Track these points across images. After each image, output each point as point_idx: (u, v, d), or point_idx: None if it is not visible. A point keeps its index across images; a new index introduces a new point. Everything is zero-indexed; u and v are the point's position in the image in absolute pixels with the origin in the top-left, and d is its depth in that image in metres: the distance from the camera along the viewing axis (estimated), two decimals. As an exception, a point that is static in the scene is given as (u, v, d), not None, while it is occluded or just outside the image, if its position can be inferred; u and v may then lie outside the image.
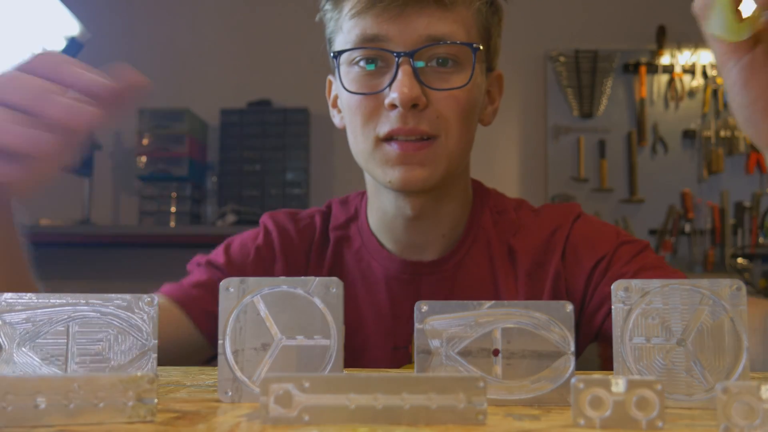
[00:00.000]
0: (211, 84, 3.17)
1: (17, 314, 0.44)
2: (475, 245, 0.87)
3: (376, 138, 0.78)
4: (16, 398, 0.35)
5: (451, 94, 0.77)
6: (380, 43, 0.77)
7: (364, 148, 0.80)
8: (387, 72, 0.78)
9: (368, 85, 0.78)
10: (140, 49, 3.18)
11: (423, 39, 0.76)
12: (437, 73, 0.78)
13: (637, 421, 0.36)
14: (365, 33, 0.77)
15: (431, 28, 0.76)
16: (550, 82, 3.15)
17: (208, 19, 3.23)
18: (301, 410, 0.36)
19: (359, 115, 0.79)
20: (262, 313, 0.44)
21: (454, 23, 0.78)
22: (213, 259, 0.88)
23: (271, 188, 2.92)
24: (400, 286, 0.86)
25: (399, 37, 0.76)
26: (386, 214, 0.86)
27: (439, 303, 0.44)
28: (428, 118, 0.77)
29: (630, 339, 0.42)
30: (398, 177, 0.77)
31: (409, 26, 0.76)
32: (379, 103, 0.77)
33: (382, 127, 0.77)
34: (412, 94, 0.74)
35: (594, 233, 0.86)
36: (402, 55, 0.76)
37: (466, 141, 0.81)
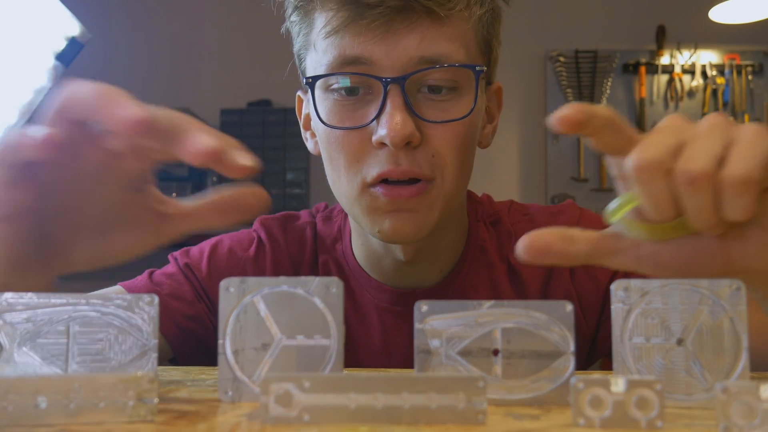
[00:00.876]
0: (211, 84, 3.17)
1: (18, 314, 0.44)
2: (473, 267, 0.78)
3: (363, 182, 0.66)
4: (16, 398, 0.35)
5: (450, 128, 0.65)
6: (363, 66, 0.64)
7: (348, 192, 0.68)
8: (372, 100, 0.65)
9: (350, 118, 0.66)
10: (140, 49, 3.18)
11: (415, 62, 0.64)
12: (432, 101, 0.65)
13: (637, 420, 0.36)
14: (344, 54, 0.65)
15: (424, 48, 0.64)
16: (550, 82, 3.16)
17: (208, 19, 3.23)
18: (302, 410, 0.36)
19: (342, 155, 0.67)
20: (262, 313, 0.44)
21: (450, 41, 0.65)
22: (195, 264, 0.80)
23: (271, 188, 2.92)
24: (393, 319, 0.76)
25: (386, 60, 0.64)
26: (374, 253, 0.76)
27: (439, 303, 0.44)
28: (424, 158, 0.65)
29: (629, 339, 0.42)
30: (388, 227, 0.66)
31: (398, 46, 0.63)
32: (366, 138, 0.65)
33: (370, 169, 0.65)
34: (405, 131, 0.62)
35: None
36: (390, 82, 0.63)
37: (464, 178, 0.70)
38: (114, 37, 3.07)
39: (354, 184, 0.67)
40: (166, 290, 0.78)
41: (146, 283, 0.79)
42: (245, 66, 3.17)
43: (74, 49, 0.88)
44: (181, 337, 0.77)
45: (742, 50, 3.11)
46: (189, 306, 0.78)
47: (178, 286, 0.78)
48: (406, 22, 0.64)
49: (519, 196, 3.08)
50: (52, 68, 0.89)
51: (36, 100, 0.85)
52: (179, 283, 0.79)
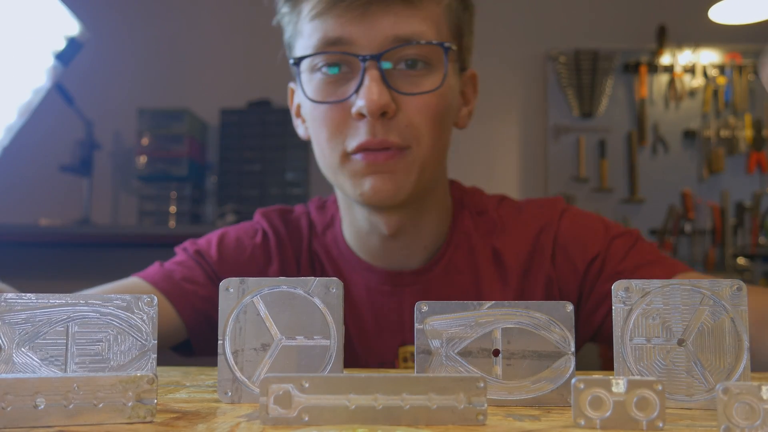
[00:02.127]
0: (211, 84, 3.17)
1: (16, 314, 0.44)
2: (458, 251, 0.82)
3: (344, 151, 0.73)
4: (15, 398, 0.35)
5: (423, 99, 0.72)
6: (344, 46, 0.71)
7: (331, 162, 0.75)
8: (352, 78, 0.72)
9: (333, 93, 0.73)
10: (140, 49, 3.18)
11: (390, 40, 0.71)
12: (407, 76, 0.72)
13: (638, 421, 0.35)
14: (327, 36, 0.72)
15: (398, 27, 0.71)
16: (550, 82, 3.15)
17: (208, 19, 3.23)
18: (301, 410, 0.36)
19: (325, 128, 0.73)
20: (261, 313, 0.44)
21: (423, 21, 0.72)
22: (204, 250, 0.84)
23: (271, 188, 2.92)
24: (382, 298, 0.81)
25: (364, 39, 0.71)
26: (360, 230, 0.81)
27: (439, 303, 0.44)
28: (398, 128, 0.72)
29: (630, 339, 0.42)
30: (368, 188, 0.72)
31: (374, 27, 0.70)
32: (346, 112, 0.72)
33: (350, 141, 0.72)
34: (381, 101, 0.69)
35: (582, 230, 0.81)
36: (368, 59, 0.70)
37: (439, 149, 0.76)
38: (114, 37, 3.07)
39: (336, 153, 0.74)
40: (179, 275, 0.81)
41: (159, 270, 0.82)
42: (245, 66, 3.17)
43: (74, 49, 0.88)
44: (196, 318, 0.80)
45: (743, 49, 3.11)
46: (202, 287, 0.81)
47: (190, 271, 0.82)
48: (381, 4, 0.71)
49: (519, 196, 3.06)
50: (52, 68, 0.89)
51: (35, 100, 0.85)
52: (190, 268, 0.82)
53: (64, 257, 3.03)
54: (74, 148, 2.81)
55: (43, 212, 2.88)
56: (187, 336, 0.81)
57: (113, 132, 3.15)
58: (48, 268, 3.01)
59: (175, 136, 2.90)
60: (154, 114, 2.92)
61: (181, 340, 0.81)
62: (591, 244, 0.80)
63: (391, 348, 0.80)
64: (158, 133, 2.91)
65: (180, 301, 0.79)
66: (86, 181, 2.88)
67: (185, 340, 0.82)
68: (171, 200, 2.91)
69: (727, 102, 3.11)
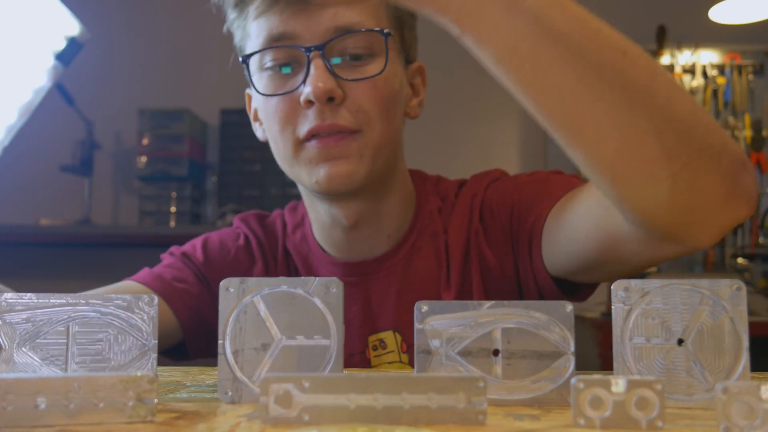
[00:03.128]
0: (211, 84, 3.17)
1: (17, 314, 0.44)
2: (421, 236, 0.83)
3: (296, 140, 0.75)
4: (16, 398, 0.35)
5: (368, 83, 0.74)
6: (288, 40, 0.74)
7: (285, 153, 0.77)
8: (300, 71, 0.74)
9: (282, 87, 0.75)
10: (140, 49, 3.18)
11: (331, 31, 0.73)
12: (351, 67, 0.74)
13: (637, 421, 0.36)
14: (271, 32, 0.74)
15: (338, 19, 0.73)
16: (550, 82, 3.15)
17: (208, 19, 3.23)
18: (301, 410, 0.36)
19: (276, 120, 0.75)
20: (262, 313, 0.44)
21: (361, 13, 0.74)
22: (190, 253, 0.86)
23: (271, 188, 2.92)
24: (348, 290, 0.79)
25: (307, 32, 0.73)
26: (324, 224, 0.83)
27: (439, 303, 0.44)
28: (347, 112, 0.73)
29: (630, 339, 0.42)
30: (323, 174, 0.74)
31: (315, 19, 0.73)
32: (295, 102, 0.74)
33: (300, 127, 0.74)
34: (327, 86, 0.71)
35: (506, 188, 0.82)
36: (312, 49, 0.72)
37: (391, 133, 0.77)
38: (114, 37, 3.07)
39: (289, 144, 0.76)
40: (169, 276, 0.82)
41: (148, 273, 0.83)
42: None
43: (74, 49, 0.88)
44: (190, 316, 0.81)
45: (742, 50, 3.11)
46: (192, 286, 0.83)
47: (179, 271, 0.83)
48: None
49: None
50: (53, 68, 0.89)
51: (36, 100, 0.85)
52: (179, 269, 0.84)
53: (64, 257, 3.02)
54: (75, 148, 2.81)
55: (43, 212, 2.88)
56: (181, 337, 0.82)
57: (113, 132, 3.15)
58: (48, 268, 3.01)
59: (176, 136, 2.90)
60: (154, 114, 2.92)
61: (176, 342, 0.82)
62: (511, 195, 0.80)
63: (360, 338, 0.81)
64: (158, 133, 2.91)
65: (174, 300, 0.80)
66: (87, 181, 2.88)
67: (178, 343, 0.82)
68: (171, 200, 2.91)
69: (727, 102, 3.11)
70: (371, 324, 0.82)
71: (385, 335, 0.81)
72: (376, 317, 0.82)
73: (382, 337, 0.81)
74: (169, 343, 0.82)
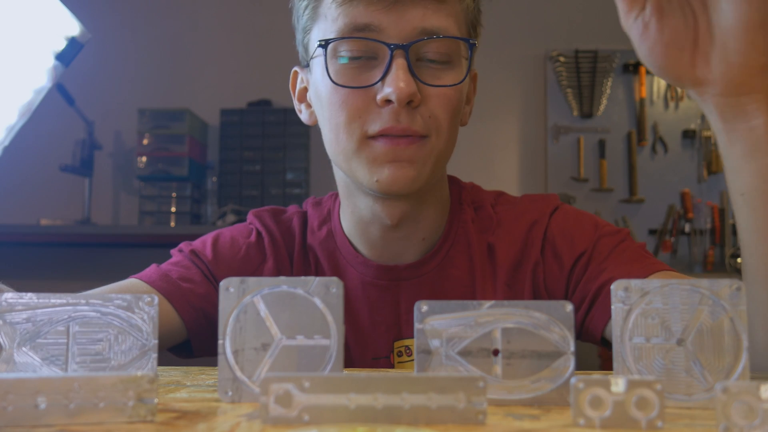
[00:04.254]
0: (211, 84, 3.17)
1: (18, 314, 0.44)
2: (455, 245, 0.83)
3: (362, 135, 0.73)
4: (16, 398, 0.35)
5: (444, 92, 0.73)
6: (372, 33, 0.72)
7: (347, 147, 0.74)
8: (376, 65, 0.73)
9: (356, 79, 0.73)
10: (140, 49, 3.18)
11: (418, 32, 0.72)
12: (430, 69, 0.73)
13: (637, 420, 0.36)
14: (355, 22, 0.72)
15: (426, 20, 0.72)
16: (550, 82, 3.15)
17: (208, 19, 3.23)
18: (301, 410, 0.36)
19: (345, 111, 0.73)
20: (262, 313, 0.44)
21: (447, 17, 0.73)
22: (199, 250, 0.84)
23: (271, 188, 2.92)
24: (378, 292, 0.81)
25: (393, 29, 0.71)
26: (361, 220, 0.81)
27: (439, 303, 0.44)
28: (421, 117, 0.73)
29: (630, 339, 0.42)
30: (387, 175, 0.72)
31: (404, 17, 0.71)
32: (369, 98, 0.72)
33: (372, 125, 0.72)
34: (410, 89, 0.70)
35: (572, 227, 0.82)
36: (396, 47, 0.71)
37: (452, 142, 0.78)
38: (114, 37, 3.07)
39: (354, 137, 0.73)
40: (176, 275, 0.81)
41: (156, 270, 0.82)
42: (245, 66, 3.17)
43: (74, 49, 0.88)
44: (195, 317, 0.80)
45: (742, 50, 3.11)
46: (199, 286, 0.81)
47: (186, 270, 0.82)
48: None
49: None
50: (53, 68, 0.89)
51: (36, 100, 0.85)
52: (187, 267, 0.83)
53: (64, 257, 3.02)
54: (75, 148, 2.81)
55: (43, 212, 2.88)
56: (186, 336, 0.81)
57: (114, 132, 3.15)
58: (49, 268, 3.01)
59: (176, 136, 2.90)
60: (154, 114, 2.92)
61: (181, 341, 0.81)
62: (579, 240, 0.80)
63: (386, 342, 0.80)
64: (158, 133, 2.91)
65: (178, 300, 0.79)
66: (87, 181, 2.88)
67: (184, 342, 0.82)
68: (171, 200, 2.91)
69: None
70: (398, 329, 0.81)
71: (411, 342, 0.80)
72: (404, 323, 0.81)
73: (407, 344, 0.81)
74: (173, 342, 0.81)
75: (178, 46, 3.20)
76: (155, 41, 3.19)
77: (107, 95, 3.08)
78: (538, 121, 3.17)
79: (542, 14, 3.15)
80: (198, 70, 3.19)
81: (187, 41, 3.21)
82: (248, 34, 3.18)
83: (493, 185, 0.94)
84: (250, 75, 3.16)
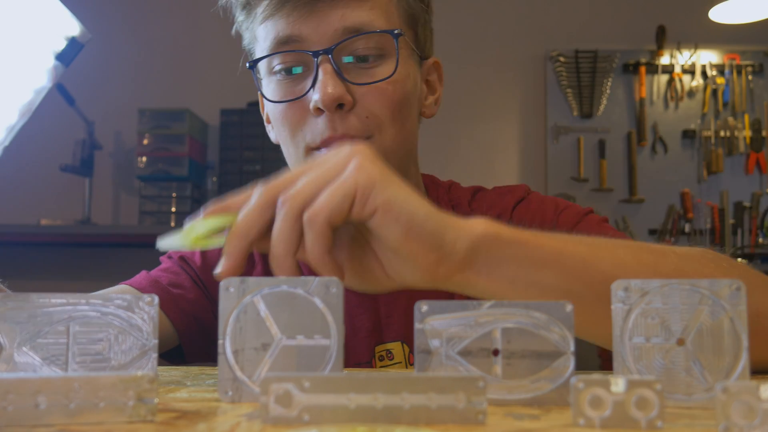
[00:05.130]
0: (211, 84, 3.17)
1: (18, 314, 0.44)
2: None
3: (306, 147, 0.73)
4: (16, 398, 0.35)
5: (379, 87, 0.71)
6: (295, 44, 0.71)
7: (296, 159, 0.75)
8: (308, 75, 0.72)
9: (291, 92, 0.73)
10: (140, 49, 3.18)
11: (340, 33, 0.70)
12: (361, 69, 0.72)
13: (637, 420, 0.36)
14: (278, 36, 0.72)
15: (347, 19, 0.70)
16: (550, 82, 3.15)
17: (208, 19, 3.23)
18: (302, 410, 0.36)
19: (286, 125, 0.74)
20: (262, 313, 0.44)
21: (371, 11, 0.71)
22: (188, 257, 0.84)
23: (271, 188, 2.92)
24: (356, 298, 0.80)
25: (314, 35, 0.71)
26: None
27: (439, 303, 0.44)
28: (357, 119, 0.71)
29: (629, 339, 0.42)
30: None
31: (323, 21, 0.70)
32: (305, 109, 0.72)
33: (311, 135, 0.72)
34: (336, 92, 0.69)
35: (534, 215, 0.80)
36: (320, 54, 0.70)
37: (403, 137, 0.75)
38: (114, 37, 3.07)
39: (299, 149, 0.74)
40: (165, 281, 0.82)
41: (145, 277, 0.83)
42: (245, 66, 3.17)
43: (74, 49, 0.88)
44: (185, 321, 0.80)
45: (742, 50, 3.11)
46: (188, 291, 0.82)
47: (176, 276, 0.83)
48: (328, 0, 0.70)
49: (519, 196, 3.04)
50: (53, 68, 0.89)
51: (36, 100, 0.85)
52: (176, 273, 0.83)
53: (65, 257, 3.03)
54: (75, 148, 2.81)
55: (44, 212, 2.88)
56: (178, 341, 0.81)
57: (114, 132, 3.16)
58: (49, 268, 3.01)
59: (176, 136, 2.90)
60: (154, 114, 2.92)
61: (173, 346, 0.81)
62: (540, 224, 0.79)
63: (367, 348, 0.80)
64: (158, 133, 2.92)
65: (169, 306, 0.79)
66: (87, 181, 2.88)
67: (176, 348, 0.82)
68: (171, 200, 2.91)
69: (726, 102, 3.11)
70: (379, 334, 0.80)
71: (393, 346, 0.80)
72: (384, 327, 0.80)
73: (389, 348, 0.80)
74: (165, 348, 0.81)
75: (178, 46, 3.20)
76: (155, 41, 3.19)
77: (107, 95, 3.09)
78: (538, 121, 3.17)
79: (542, 14, 3.15)
80: (198, 70, 3.19)
81: (187, 41, 3.21)
82: (248, 34, 3.18)
83: (493, 185, 0.94)
84: (250, 75, 3.15)
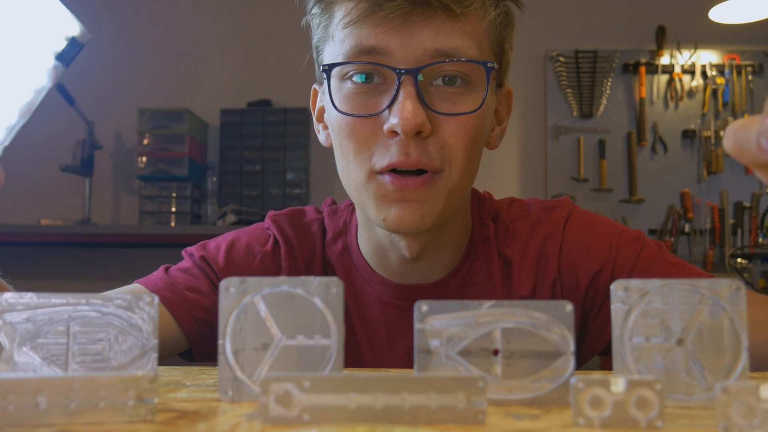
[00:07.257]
0: (211, 84, 3.17)
1: (18, 314, 0.44)
2: (476, 262, 0.79)
3: (371, 170, 0.68)
4: (17, 398, 0.35)
5: (460, 120, 0.67)
6: (379, 56, 0.66)
7: (356, 179, 0.70)
8: (386, 90, 0.67)
9: (363, 105, 0.68)
10: (140, 49, 3.18)
11: (429, 54, 0.66)
12: (444, 93, 0.67)
13: (637, 420, 0.36)
14: (361, 44, 0.67)
15: (439, 41, 0.66)
16: (550, 82, 3.15)
17: (208, 19, 3.23)
18: (302, 410, 0.36)
19: (352, 141, 0.68)
20: (262, 313, 0.44)
21: (464, 36, 0.67)
22: (211, 257, 0.81)
23: (271, 188, 2.92)
24: (396, 313, 0.78)
25: (401, 51, 0.66)
26: (379, 246, 0.77)
27: (439, 303, 0.44)
28: (433, 149, 0.67)
29: (629, 339, 0.42)
30: (394, 216, 0.67)
31: (414, 39, 0.66)
32: (377, 127, 0.67)
33: (379, 159, 0.67)
34: (417, 120, 0.64)
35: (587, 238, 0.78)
36: (404, 73, 0.65)
37: (471, 173, 0.72)
38: (114, 37, 3.07)
39: (363, 170, 0.69)
40: (182, 284, 0.78)
41: (162, 277, 0.80)
42: (245, 66, 3.17)
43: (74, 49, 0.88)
44: (196, 327, 0.77)
45: (742, 50, 3.11)
46: (205, 297, 0.78)
47: (194, 279, 0.79)
48: (422, 15, 0.66)
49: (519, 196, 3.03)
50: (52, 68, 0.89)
51: (36, 100, 0.85)
52: (195, 276, 0.79)
53: (65, 257, 3.03)
54: (75, 148, 2.81)
55: (44, 212, 2.88)
56: (188, 345, 0.79)
57: (114, 132, 3.16)
58: (49, 268, 3.01)
59: (176, 136, 2.90)
60: (154, 114, 2.92)
61: (182, 350, 0.79)
62: (594, 255, 0.77)
63: (404, 365, 0.78)
64: (158, 133, 2.92)
65: (180, 312, 0.76)
66: (87, 181, 2.88)
67: (186, 350, 0.80)
68: (171, 200, 2.91)
69: (726, 102, 3.11)
70: None
71: None
72: None
73: None
74: (175, 351, 0.79)
75: (178, 46, 3.20)
76: (155, 41, 3.19)
77: (107, 95, 3.09)
78: (538, 121, 3.17)
79: (542, 14, 3.15)
80: (198, 70, 3.19)
81: (187, 41, 3.21)
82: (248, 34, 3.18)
83: (493, 185, 0.94)
84: (250, 75, 3.16)
